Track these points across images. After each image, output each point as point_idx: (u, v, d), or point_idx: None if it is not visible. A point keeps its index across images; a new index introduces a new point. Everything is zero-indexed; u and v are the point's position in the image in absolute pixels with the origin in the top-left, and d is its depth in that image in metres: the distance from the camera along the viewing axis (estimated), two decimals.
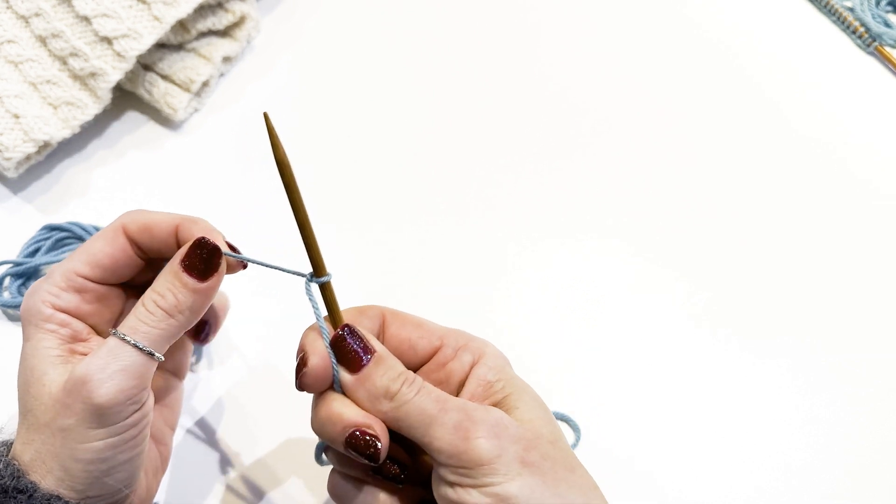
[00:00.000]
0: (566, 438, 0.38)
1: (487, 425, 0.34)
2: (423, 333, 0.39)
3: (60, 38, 0.57)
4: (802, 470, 0.50)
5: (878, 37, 0.66)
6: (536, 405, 0.37)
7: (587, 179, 0.60)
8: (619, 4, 0.68)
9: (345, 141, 0.61)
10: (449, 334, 0.39)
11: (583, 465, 0.37)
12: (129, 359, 0.36)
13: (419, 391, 0.36)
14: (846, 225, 0.58)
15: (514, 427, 0.35)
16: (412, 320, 0.39)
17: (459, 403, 0.36)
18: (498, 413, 0.36)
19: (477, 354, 0.38)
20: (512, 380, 0.38)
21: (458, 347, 0.39)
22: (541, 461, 0.35)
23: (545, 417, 0.37)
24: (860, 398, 0.52)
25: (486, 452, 0.34)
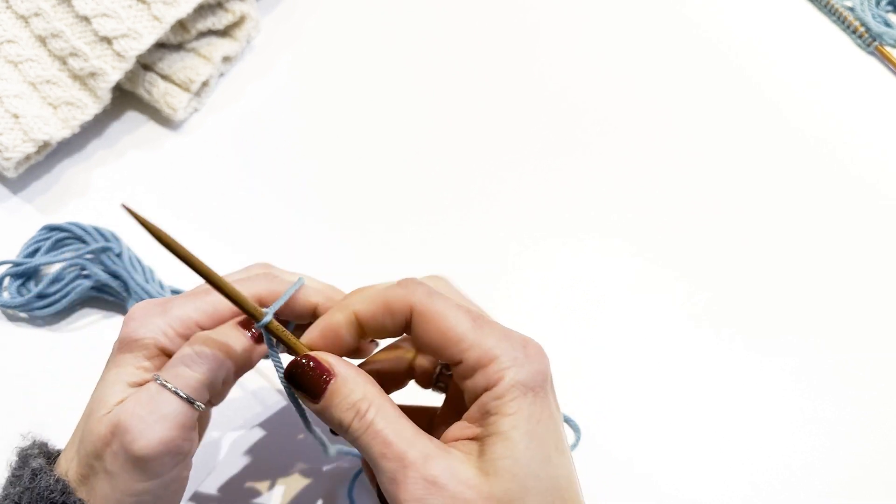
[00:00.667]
0: (562, 489, 0.34)
1: (419, 485, 0.33)
2: (445, 344, 0.35)
3: (60, 38, 0.57)
4: (804, 470, 0.49)
5: (878, 36, 0.66)
6: (512, 454, 0.33)
7: (588, 179, 0.60)
8: (620, 4, 0.68)
9: (345, 140, 0.61)
10: (474, 348, 0.35)
11: None
12: (168, 407, 0.35)
13: (367, 429, 0.34)
14: (847, 225, 0.58)
15: (453, 485, 0.33)
16: (437, 326, 0.35)
17: (399, 451, 0.33)
18: (440, 467, 0.33)
19: (492, 381, 0.34)
20: (508, 417, 0.34)
21: (477, 367, 0.35)
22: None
23: (514, 471, 0.33)
24: (862, 398, 0.52)
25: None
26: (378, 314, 0.36)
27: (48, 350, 0.52)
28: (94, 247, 0.52)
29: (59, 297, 0.52)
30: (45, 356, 0.52)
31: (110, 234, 0.54)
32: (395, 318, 0.36)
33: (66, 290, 0.52)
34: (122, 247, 0.53)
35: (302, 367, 0.35)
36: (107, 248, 0.52)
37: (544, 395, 0.35)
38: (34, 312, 0.52)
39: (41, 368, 0.52)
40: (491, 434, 0.34)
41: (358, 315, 0.36)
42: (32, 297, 0.52)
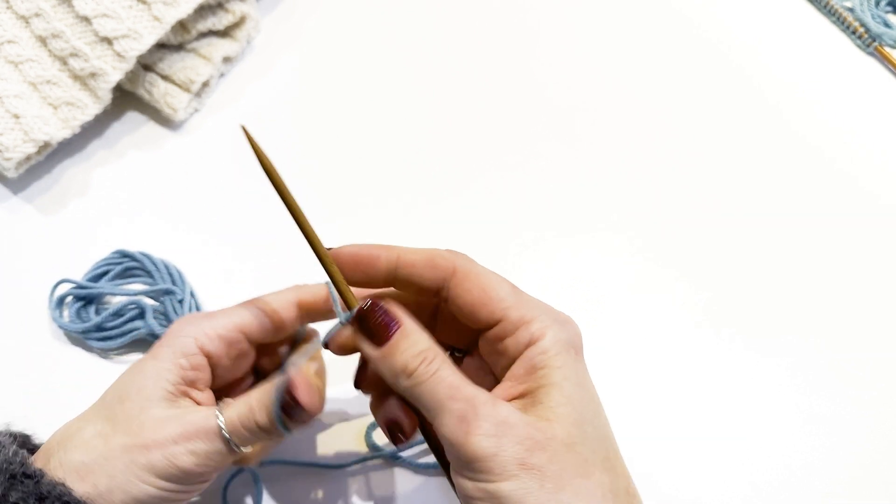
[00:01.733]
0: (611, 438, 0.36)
1: (490, 422, 0.34)
2: (486, 302, 0.37)
3: (60, 39, 0.57)
4: (803, 470, 0.49)
5: (877, 37, 0.66)
6: (569, 401, 0.35)
7: (589, 179, 0.60)
8: (621, 5, 0.68)
9: (345, 140, 0.61)
10: (515, 308, 0.36)
11: (613, 472, 0.35)
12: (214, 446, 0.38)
13: (434, 374, 0.35)
14: (846, 225, 0.58)
15: (522, 426, 0.34)
16: (480, 284, 0.37)
17: (470, 394, 0.34)
18: (506, 410, 0.34)
19: (536, 336, 0.36)
20: (558, 369, 0.35)
21: (520, 324, 0.36)
22: (546, 464, 0.33)
23: (573, 416, 0.35)
24: (862, 398, 0.52)
25: (482, 451, 0.33)
26: (420, 264, 0.37)
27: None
28: (159, 287, 0.52)
29: (115, 335, 0.51)
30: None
31: (178, 274, 0.53)
32: (437, 273, 0.37)
33: (123, 329, 0.51)
34: (186, 292, 0.52)
35: (372, 313, 0.36)
36: (171, 291, 0.52)
37: (582, 357, 0.37)
38: (89, 341, 0.52)
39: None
40: (543, 385, 0.35)
41: (400, 258, 0.38)
42: (91, 327, 0.51)
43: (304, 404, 0.38)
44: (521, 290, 0.38)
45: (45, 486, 0.36)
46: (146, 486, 0.37)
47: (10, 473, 0.36)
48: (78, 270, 0.54)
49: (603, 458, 0.35)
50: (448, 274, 0.37)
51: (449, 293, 0.38)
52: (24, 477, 0.36)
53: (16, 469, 0.36)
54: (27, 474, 0.36)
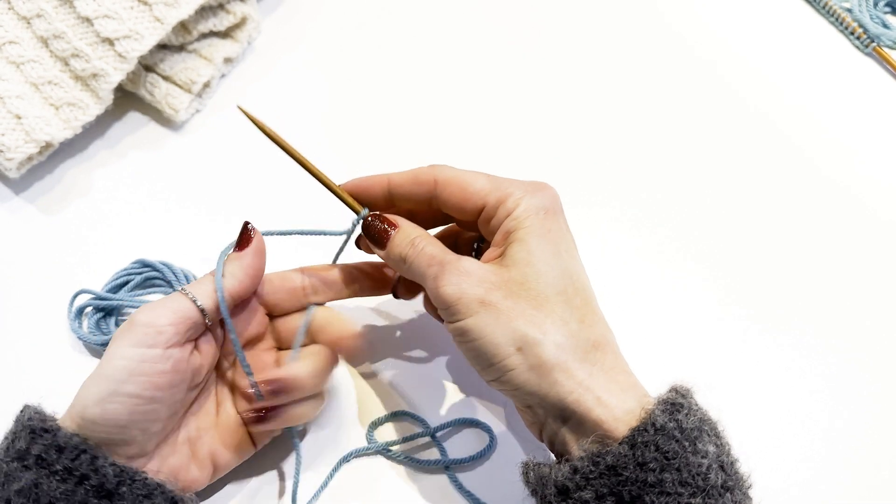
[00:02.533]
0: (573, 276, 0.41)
1: (454, 273, 0.40)
2: (468, 196, 0.43)
3: (62, 39, 0.57)
4: (804, 470, 0.50)
5: (876, 38, 0.66)
6: (526, 249, 0.41)
7: (595, 168, 0.60)
8: (622, 5, 0.68)
9: (346, 141, 0.61)
10: (493, 192, 0.42)
11: (568, 304, 0.40)
12: (174, 298, 0.43)
13: (420, 251, 0.42)
14: (846, 225, 0.58)
15: (480, 272, 0.41)
16: (459, 184, 0.43)
17: (441, 258, 0.41)
18: (468, 262, 0.41)
19: (511, 207, 0.42)
20: (524, 228, 0.41)
21: (498, 204, 0.42)
22: (500, 300, 0.40)
23: (529, 260, 0.40)
24: (863, 398, 0.52)
25: (449, 296, 0.40)
26: (406, 183, 0.44)
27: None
28: None
29: None
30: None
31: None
32: (421, 186, 0.44)
33: None
34: None
35: (373, 223, 0.44)
36: None
37: (555, 214, 0.43)
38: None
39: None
40: (510, 242, 0.41)
41: (390, 181, 0.45)
42: (109, 340, 0.50)
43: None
44: (498, 175, 0.44)
45: (62, 438, 0.39)
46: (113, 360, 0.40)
47: (30, 429, 0.39)
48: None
49: (558, 291, 0.40)
50: (431, 184, 0.44)
51: (438, 200, 0.44)
52: (42, 431, 0.39)
53: (35, 425, 0.39)
54: (45, 429, 0.39)
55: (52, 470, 0.38)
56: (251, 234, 0.45)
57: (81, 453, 0.38)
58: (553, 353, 0.39)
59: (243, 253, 0.45)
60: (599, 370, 0.39)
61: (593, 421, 0.38)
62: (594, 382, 0.39)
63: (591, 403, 0.38)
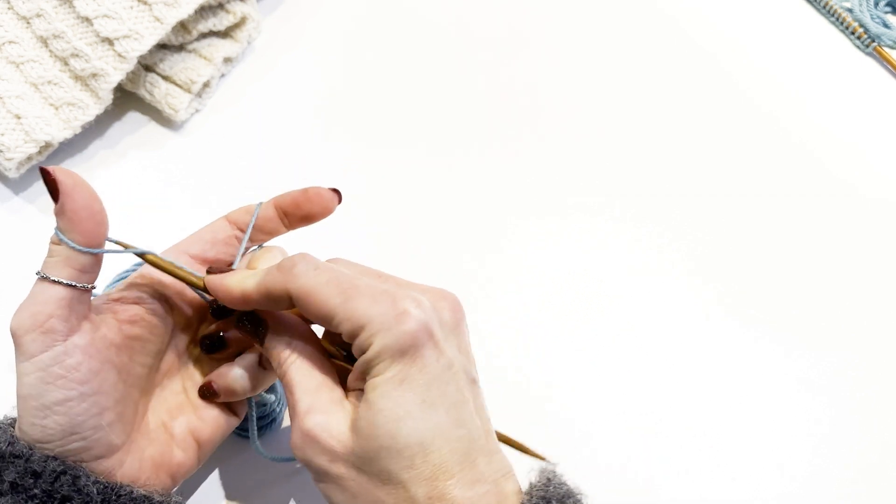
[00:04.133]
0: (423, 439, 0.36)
1: (299, 435, 0.37)
2: (322, 321, 0.38)
3: (62, 39, 0.57)
4: (805, 470, 0.50)
5: (876, 37, 0.66)
6: (373, 421, 0.36)
7: (591, 169, 0.60)
8: (621, 5, 0.68)
9: (346, 141, 0.61)
10: (346, 321, 0.36)
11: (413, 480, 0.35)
12: (37, 289, 0.38)
13: (283, 375, 0.39)
14: (847, 225, 0.58)
15: (325, 439, 0.37)
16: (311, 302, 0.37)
17: (293, 402, 0.38)
18: (314, 422, 0.37)
19: (364, 346, 0.36)
20: (374, 389, 0.36)
21: (352, 337, 0.37)
22: (345, 474, 0.37)
23: (375, 434, 0.36)
24: (863, 398, 0.52)
25: (297, 458, 0.38)
26: (263, 301, 0.39)
27: None
28: None
29: None
30: None
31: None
32: (279, 303, 0.38)
33: None
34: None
35: (242, 324, 0.40)
36: None
37: (415, 353, 0.36)
38: None
39: None
40: (363, 399, 0.37)
41: (244, 294, 0.39)
42: None
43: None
44: (355, 280, 0.37)
45: (38, 463, 0.36)
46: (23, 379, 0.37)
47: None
48: None
49: (404, 467, 0.36)
50: (287, 299, 0.38)
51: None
52: (13, 457, 0.36)
53: (3, 450, 0.37)
54: (16, 454, 0.36)
55: (30, 494, 0.36)
56: (54, 176, 0.37)
57: (61, 475, 0.36)
58: None
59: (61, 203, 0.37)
60: None
61: None
62: None
63: None
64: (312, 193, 0.43)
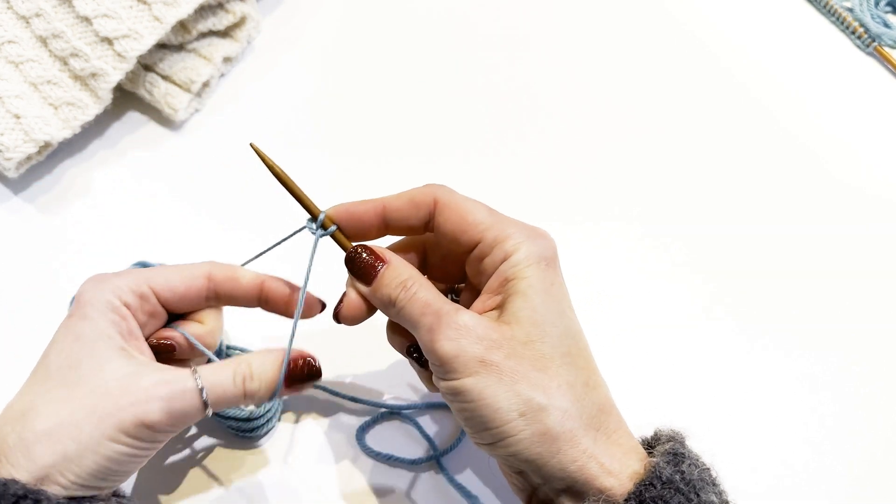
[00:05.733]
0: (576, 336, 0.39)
1: (452, 328, 0.38)
2: (465, 227, 0.40)
3: (61, 39, 0.57)
4: (806, 471, 0.50)
5: (877, 37, 0.66)
6: (530, 305, 0.38)
7: (595, 171, 0.60)
8: (622, 4, 0.68)
9: (345, 140, 0.61)
10: (492, 228, 0.40)
11: (573, 366, 0.38)
12: (190, 404, 0.38)
13: (412, 296, 0.39)
14: (847, 225, 0.58)
15: (481, 328, 0.38)
16: (459, 211, 0.40)
17: (438, 307, 0.38)
18: (467, 317, 0.38)
19: (509, 251, 0.39)
20: (524, 279, 0.39)
21: (495, 243, 0.39)
22: (503, 360, 0.37)
23: (534, 318, 0.38)
24: (864, 397, 0.52)
25: (446, 353, 0.37)
26: (404, 207, 0.41)
27: None
28: None
29: None
30: None
31: None
32: (420, 210, 0.41)
33: None
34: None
35: (359, 255, 0.41)
36: None
37: (555, 266, 0.40)
38: None
39: None
40: (511, 294, 0.39)
41: (386, 205, 0.41)
42: None
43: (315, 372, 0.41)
44: (499, 212, 0.41)
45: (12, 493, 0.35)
46: (116, 444, 0.36)
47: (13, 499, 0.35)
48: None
49: (562, 353, 0.38)
50: (430, 207, 0.41)
51: (434, 225, 0.41)
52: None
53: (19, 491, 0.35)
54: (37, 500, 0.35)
55: None
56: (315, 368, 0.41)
57: (21, 498, 0.34)
58: (559, 419, 0.37)
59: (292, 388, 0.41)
60: (603, 435, 0.38)
61: (596, 489, 0.37)
62: (598, 449, 0.37)
63: (596, 471, 0.37)
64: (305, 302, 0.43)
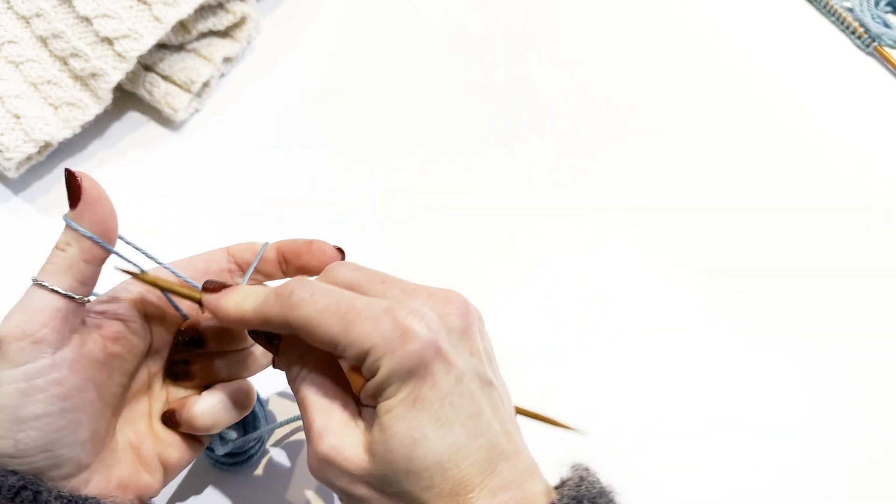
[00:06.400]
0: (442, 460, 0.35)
1: (316, 457, 0.37)
2: (325, 348, 0.36)
3: (61, 39, 0.57)
4: (808, 470, 0.50)
5: (877, 37, 0.66)
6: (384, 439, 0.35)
7: (588, 172, 0.60)
8: (621, 8, 0.68)
9: (345, 140, 0.61)
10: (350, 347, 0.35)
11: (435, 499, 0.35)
12: (33, 296, 0.37)
13: (297, 391, 0.38)
14: (847, 225, 0.58)
15: (342, 461, 0.36)
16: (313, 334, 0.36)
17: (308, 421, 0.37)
18: (328, 444, 0.36)
19: (371, 371, 0.35)
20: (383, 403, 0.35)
21: (359, 362, 0.36)
22: (367, 495, 0.36)
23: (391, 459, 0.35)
24: (865, 397, 0.52)
25: (319, 480, 0.38)
26: (262, 326, 0.38)
27: None
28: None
29: None
30: None
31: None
32: (280, 329, 0.38)
33: None
34: None
35: (255, 335, 0.40)
36: None
37: (425, 372, 0.35)
38: None
39: None
40: (376, 417, 0.36)
41: (243, 319, 0.38)
42: None
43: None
44: (354, 301, 0.36)
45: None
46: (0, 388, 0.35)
47: None
48: None
49: (424, 487, 0.35)
50: (286, 328, 0.37)
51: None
52: None
53: None
54: None
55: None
56: (80, 182, 0.38)
57: (21, 490, 0.34)
58: None
59: (79, 210, 0.39)
60: None
61: None
62: None
63: None
64: (317, 248, 0.42)
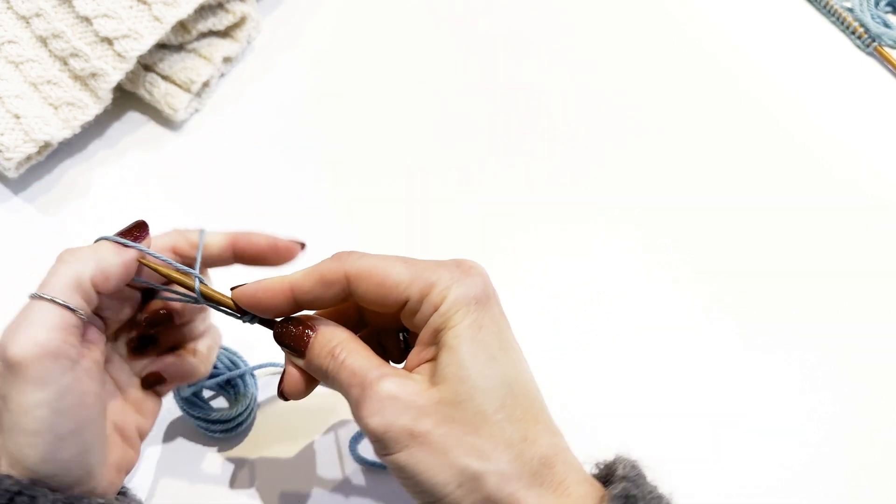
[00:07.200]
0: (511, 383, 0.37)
1: (374, 401, 0.35)
2: (386, 293, 0.37)
3: (61, 39, 0.57)
4: (807, 470, 0.50)
5: (877, 37, 0.66)
6: (457, 360, 0.36)
7: (588, 173, 0.60)
8: (621, 4, 0.68)
9: (345, 140, 0.61)
10: (414, 283, 0.37)
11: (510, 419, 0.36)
12: (39, 312, 0.35)
13: (340, 365, 0.37)
14: (846, 225, 0.58)
15: (406, 395, 0.36)
16: (374, 279, 0.37)
17: (362, 376, 0.36)
18: (391, 384, 0.36)
19: (437, 301, 0.37)
20: (451, 329, 0.36)
21: (422, 296, 0.37)
22: (432, 429, 0.35)
23: (460, 374, 0.36)
24: (865, 397, 0.52)
25: (374, 429, 0.35)
26: (314, 288, 0.38)
27: None
28: None
29: None
30: None
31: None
32: (332, 288, 0.38)
33: None
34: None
35: (286, 330, 0.39)
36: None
37: (486, 303, 0.37)
38: None
39: None
40: (440, 348, 0.36)
41: (294, 287, 0.38)
42: None
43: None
44: (417, 259, 0.38)
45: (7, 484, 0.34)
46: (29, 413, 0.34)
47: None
48: None
49: (496, 407, 0.36)
50: (342, 284, 0.38)
51: (355, 298, 0.38)
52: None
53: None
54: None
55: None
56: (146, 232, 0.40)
57: (16, 495, 0.34)
58: (498, 484, 0.35)
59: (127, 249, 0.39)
60: (549, 490, 0.36)
61: None
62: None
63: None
64: (283, 248, 0.41)
